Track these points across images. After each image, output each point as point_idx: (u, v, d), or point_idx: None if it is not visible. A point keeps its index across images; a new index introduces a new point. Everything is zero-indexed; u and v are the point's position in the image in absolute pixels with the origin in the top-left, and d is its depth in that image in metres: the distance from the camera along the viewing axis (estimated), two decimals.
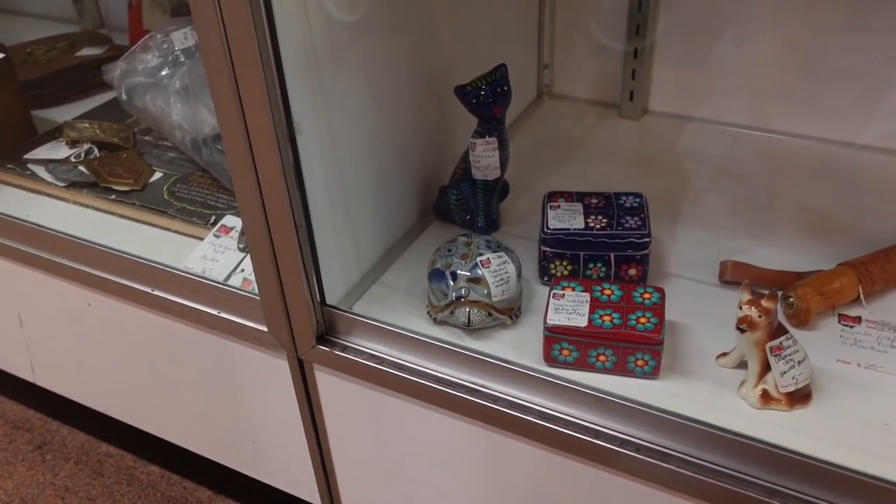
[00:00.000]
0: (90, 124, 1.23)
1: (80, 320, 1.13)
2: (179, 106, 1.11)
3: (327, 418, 0.98)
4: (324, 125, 0.82)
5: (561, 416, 0.79)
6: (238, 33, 0.69)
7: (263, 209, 0.79)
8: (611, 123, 1.27)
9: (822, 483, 0.69)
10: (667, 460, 0.74)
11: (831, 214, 1.02)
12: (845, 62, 1.09)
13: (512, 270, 0.86)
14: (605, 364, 0.80)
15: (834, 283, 0.85)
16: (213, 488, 1.30)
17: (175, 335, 1.03)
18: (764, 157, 1.16)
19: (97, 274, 1.02)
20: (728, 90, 1.20)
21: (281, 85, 0.73)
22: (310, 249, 0.83)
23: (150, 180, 1.14)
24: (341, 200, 0.88)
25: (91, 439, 1.40)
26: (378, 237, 0.98)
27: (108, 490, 1.32)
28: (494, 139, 0.94)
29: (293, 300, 0.86)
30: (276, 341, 0.91)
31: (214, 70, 0.72)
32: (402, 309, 0.91)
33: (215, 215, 1.05)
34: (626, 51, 1.23)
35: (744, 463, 0.72)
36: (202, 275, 0.95)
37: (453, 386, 0.83)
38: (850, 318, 0.85)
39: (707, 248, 0.97)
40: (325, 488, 1.06)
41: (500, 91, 0.92)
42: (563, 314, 0.81)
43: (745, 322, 0.73)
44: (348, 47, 0.83)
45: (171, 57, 1.18)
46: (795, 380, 0.74)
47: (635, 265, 0.90)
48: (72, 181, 1.14)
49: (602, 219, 0.91)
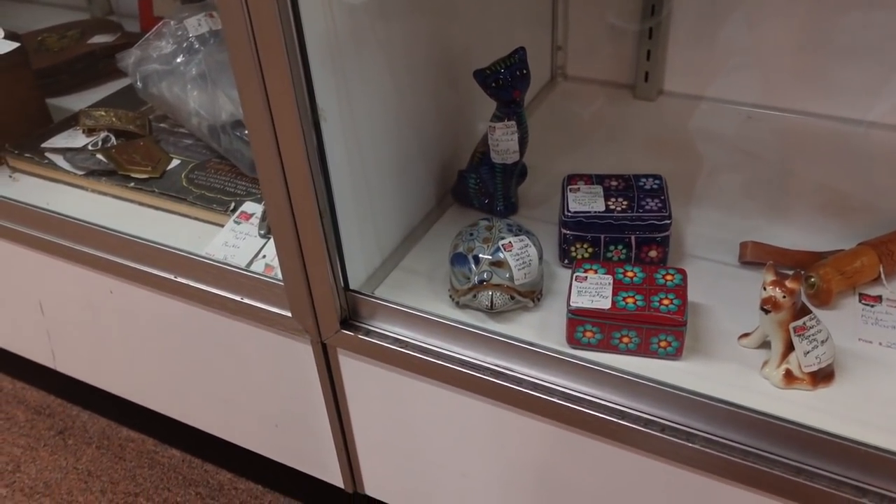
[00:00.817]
0: (106, 112, 1.23)
1: (101, 307, 1.14)
2: (196, 93, 1.11)
3: (350, 402, 0.99)
4: (346, 111, 0.82)
5: (585, 398, 0.80)
6: (263, 20, 0.69)
7: (288, 196, 0.80)
8: (625, 105, 1.26)
9: (847, 460, 0.70)
10: (692, 440, 0.75)
11: (848, 193, 1.02)
12: (858, 40, 1.09)
13: (534, 254, 0.87)
14: (629, 345, 0.81)
15: (854, 263, 0.86)
16: (234, 471, 1.32)
17: (198, 321, 1.04)
18: (779, 136, 1.16)
19: (119, 261, 1.03)
20: (742, 70, 1.19)
21: (305, 72, 0.73)
22: (334, 235, 0.84)
23: (168, 168, 1.14)
24: (363, 186, 0.88)
25: (112, 424, 1.42)
26: (398, 222, 0.98)
27: (131, 473, 1.33)
28: (513, 123, 0.94)
29: (317, 285, 0.86)
30: (301, 326, 0.92)
31: (239, 57, 0.72)
32: (424, 293, 0.92)
33: (234, 202, 1.05)
34: (641, 31, 1.22)
35: (768, 442, 0.73)
36: (224, 261, 0.96)
37: (477, 368, 0.84)
38: (870, 298, 0.86)
39: (725, 229, 0.97)
40: (347, 471, 1.08)
41: (520, 74, 0.92)
42: (586, 296, 0.81)
43: (770, 303, 0.74)
44: (369, 33, 0.84)
45: (185, 44, 1.18)
46: (819, 359, 0.75)
47: (656, 247, 0.90)
48: (90, 169, 1.14)
49: (622, 201, 0.91)
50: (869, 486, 0.69)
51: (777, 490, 0.73)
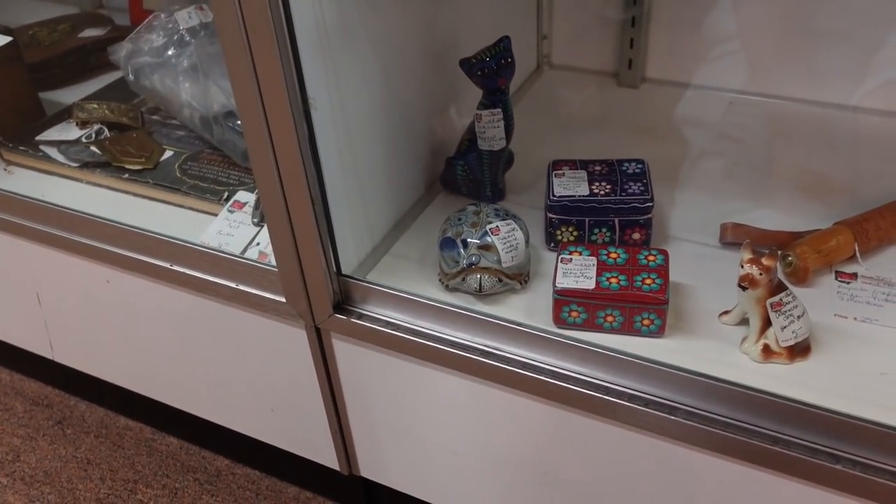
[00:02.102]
0: (99, 105, 1.24)
1: (98, 297, 1.16)
2: (188, 85, 1.12)
3: (344, 385, 1.01)
4: (336, 100, 0.84)
5: (572, 375, 0.82)
6: (254, 11, 0.71)
7: (281, 184, 0.82)
8: (610, 92, 1.29)
9: (823, 429, 0.73)
10: (674, 413, 0.78)
11: (828, 175, 1.05)
12: (839, 25, 1.11)
13: (521, 237, 0.89)
14: (613, 324, 0.84)
15: (831, 242, 0.89)
16: (231, 457, 1.34)
17: (193, 309, 1.06)
18: (761, 121, 1.18)
19: (116, 251, 1.05)
20: (725, 56, 1.22)
21: (296, 61, 0.75)
22: (325, 221, 0.86)
23: (161, 159, 1.16)
24: (353, 173, 0.90)
25: (110, 413, 1.44)
26: (388, 208, 1.00)
27: (129, 461, 1.36)
28: (499, 110, 0.96)
29: (310, 271, 0.89)
30: (295, 311, 0.94)
31: (231, 48, 0.74)
32: (414, 277, 0.94)
33: (228, 191, 1.07)
34: (624, 20, 1.25)
35: (748, 413, 0.76)
36: (219, 249, 0.98)
37: (467, 349, 0.86)
38: (846, 275, 0.89)
39: (707, 211, 1.00)
40: (342, 453, 1.10)
41: (505, 63, 0.94)
42: (571, 277, 0.84)
43: (747, 280, 0.76)
44: (357, 23, 0.86)
45: (176, 36, 1.19)
46: (795, 334, 0.78)
47: (639, 229, 0.93)
48: (84, 161, 1.16)
49: (606, 185, 0.94)
50: (842, 453, 0.72)
51: (756, 459, 0.76)
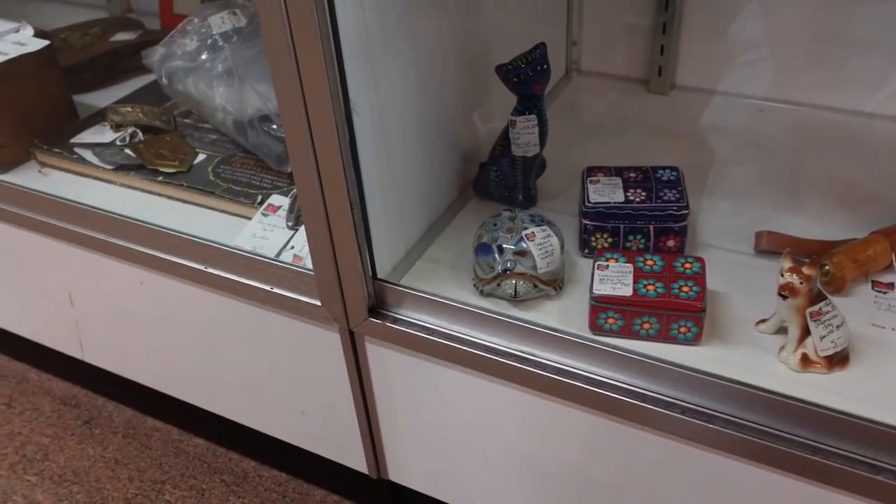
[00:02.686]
0: (132, 108, 1.26)
1: (131, 298, 1.17)
2: (223, 89, 1.13)
3: (376, 388, 1.02)
4: (375, 105, 0.85)
5: (607, 381, 0.82)
6: (300, 16, 0.72)
7: (321, 187, 0.83)
8: (639, 98, 1.29)
9: (863, 439, 0.73)
10: (711, 421, 0.78)
11: (859, 184, 1.05)
12: (869, 33, 1.11)
13: (556, 243, 0.90)
14: (650, 332, 0.84)
15: (867, 251, 0.89)
16: (258, 459, 1.35)
17: (227, 311, 1.07)
18: (791, 128, 1.18)
19: (150, 252, 1.06)
20: (754, 63, 1.22)
21: (339, 65, 0.76)
22: (363, 225, 0.87)
23: (195, 162, 1.17)
24: (390, 178, 0.91)
25: (137, 414, 1.45)
26: (422, 213, 1.01)
27: (157, 462, 1.37)
28: (534, 116, 0.97)
29: (347, 275, 0.89)
30: (330, 315, 0.94)
31: (276, 52, 0.75)
32: (448, 282, 0.94)
33: (261, 195, 1.08)
34: (654, 26, 1.25)
35: (786, 422, 0.76)
36: (253, 252, 0.99)
37: (502, 354, 0.87)
38: (883, 285, 0.89)
39: (738, 219, 1.00)
40: (371, 457, 1.11)
41: (540, 69, 0.94)
42: (608, 284, 0.84)
43: (787, 289, 0.76)
44: (397, 30, 0.86)
45: (209, 41, 1.20)
46: (834, 343, 0.78)
47: (674, 237, 0.93)
48: (118, 164, 1.17)
49: (641, 192, 0.94)
50: (882, 464, 0.72)
51: (794, 468, 0.76)
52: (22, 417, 1.46)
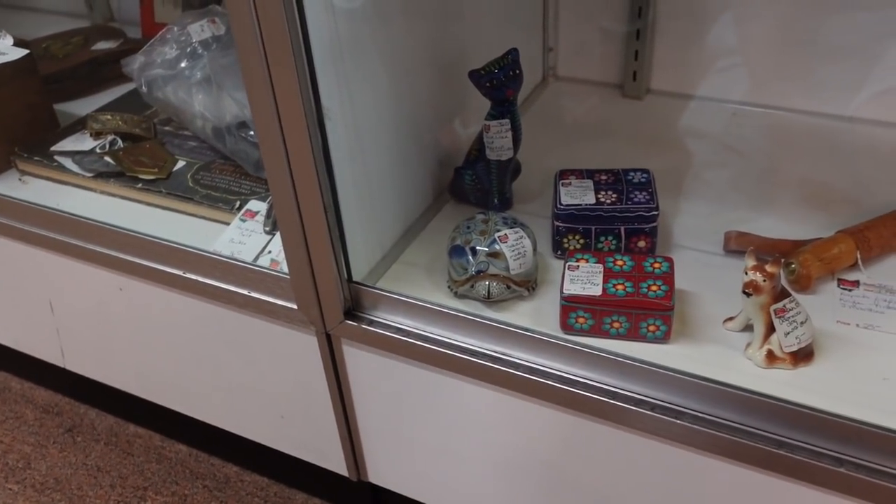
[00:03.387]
0: (112, 116, 1.27)
1: (111, 305, 1.18)
2: (201, 96, 1.15)
3: (354, 391, 1.03)
4: (348, 111, 0.86)
5: (579, 380, 0.84)
6: (271, 24, 0.73)
7: (294, 192, 0.84)
8: (615, 103, 1.31)
9: (827, 433, 0.74)
10: (680, 417, 0.79)
11: (830, 185, 1.07)
12: (840, 38, 1.13)
13: (528, 245, 0.91)
14: (619, 330, 0.85)
15: (833, 250, 0.90)
16: (240, 464, 1.35)
17: (205, 316, 1.08)
18: (764, 132, 1.20)
19: (129, 259, 1.07)
20: (727, 68, 1.24)
21: (311, 73, 0.77)
22: (337, 229, 0.88)
23: (174, 169, 1.18)
24: (364, 182, 0.92)
25: (119, 421, 1.46)
26: (398, 217, 1.02)
27: (139, 468, 1.37)
28: (507, 121, 0.98)
29: (322, 278, 0.90)
30: (306, 318, 0.96)
31: (248, 59, 0.76)
32: (424, 284, 0.96)
33: (240, 200, 1.09)
34: (628, 32, 1.27)
35: (752, 417, 0.77)
36: (231, 257, 1.00)
37: (476, 355, 0.88)
38: (848, 282, 0.90)
39: (711, 220, 1.01)
40: (351, 459, 1.12)
41: (513, 74, 0.96)
42: (578, 284, 0.86)
43: (751, 286, 0.78)
44: (368, 36, 0.88)
45: (189, 49, 1.22)
46: (798, 339, 0.79)
47: (644, 237, 0.94)
48: (98, 171, 1.18)
49: (612, 194, 0.95)
50: (846, 457, 0.74)
51: (761, 462, 0.77)
52: (3, 426, 1.46)
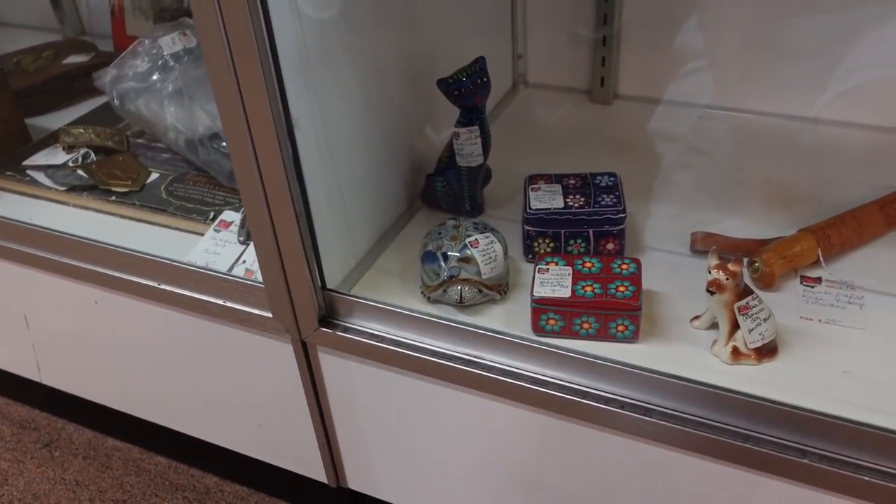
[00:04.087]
0: (84, 129, 1.27)
1: (86, 318, 1.18)
2: (173, 108, 1.15)
3: (331, 397, 1.04)
4: (318, 120, 0.87)
5: (551, 381, 0.85)
6: (239, 36, 0.74)
7: (266, 202, 0.85)
8: (583, 109, 1.33)
9: (791, 426, 0.76)
10: (649, 414, 0.81)
11: (793, 185, 1.09)
12: (801, 42, 1.16)
13: (499, 249, 0.93)
14: (589, 331, 0.87)
15: (795, 248, 0.93)
16: (220, 474, 1.35)
17: (181, 327, 1.08)
18: (729, 134, 1.23)
19: (103, 271, 1.07)
20: (693, 72, 1.26)
21: (279, 83, 0.79)
22: (310, 238, 0.89)
23: (148, 181, 1.19)
24: (337, 190, 0.93)
25: (97, 435, 1.45)
26: (370, 225, 1.03)
27: (118, 482, 1.36)
28: (476, 128, 1.00)
29: (296, 286, 0.91)
30: (281, 326, 0.96)
31: (217, 71, 0.77)
32: (397, 291, 0.97)
33: (213, 211, 1.10)
34: (595, 38, 1.29)
35: (719, 413, 0.79)
36: (206, 267, 1.00)
37: (450, 358, 0.89)
38: (811, 279, 0.93)
39: (679, 222, 1.04)
40: (330, 466, 1.12)
41: (480, 82, 0.98)
42: (548, 287, 0.87)
43: (715, 285, 0.80)
44: (337, 46, 0.89)
45: (160, 62, 1.22)
46: (762, 336, 0.82)
47: (613, 239, 0.96)
48: (71, 185, 1.18)
49: (580, 198, 0.97)
50: (809, 448, 0.76)
51: (728, 456, 0.79)
52: None
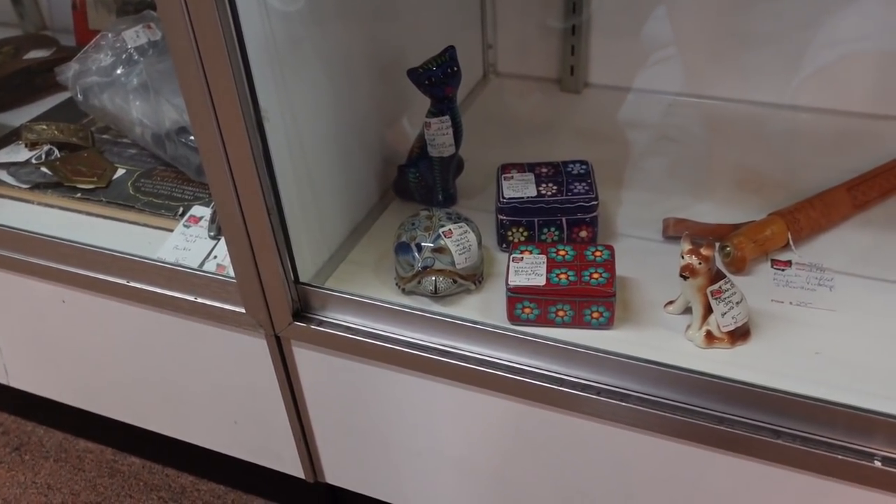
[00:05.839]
0: (48, 126, 1.24)
1: (54, 318, 1.15)
2: (139, 103, 1.13)
3: (306, 392, 1.03)
4: (287, 112, 0.86)
5: (527, 369, 0.85)
6: (205, 28, 0.73)
7: (237, 195, 0.84)
8: (554, 98, 1.33)
9: (764, 407, 0.77)
10: (625, 400, 0.81)
11: (763, 170, 1.10)
12: (767, 28, 1.17)
13: (473, 239, 0.92)
14: (564, 318, 0.87)
15: (765, 232, 0.94)
16: (196, 473, 1.34)
17: (152, 324, 1.06)
18: (699, 121, 1.24)
19: (70, 270, 1.05)
20: (662, 61, 1.27)
21: (247, 75, 0.77)
22: (282, 231, 0.88)
23: (114, 177, 1.16)
24: (308, 183, 0.92)
25: (68, 437, 1.43)
26: (343, 217, 1.02)
27: (91, 484, 1.34)
28: (447, 118, 1.00)
29: (269, 280, 0.90)
30: (255, 321, 0.95)
31: (183, 64, 0.76)
32: (372, 283, 0.96)
33: (183, 206, 1.08)
34: (565, 28, 1.29)
35: (694, 396, 0.80)
36: (177, 263, 0.99)
37: (425, 349, 0.89)
38: (781, 263, 0.94)
39: (651, 208, 1.04)
40: (307, 461, 1.12)
41: (451, 72, 0.97)
42: (522, 275, 0.87)
43: (687, 269, 0.80)
44: (306, 38, 0.88)
45: (124, 55, 1.20)
46: (735, 319, 0.82)
47: (586, 227, 0.96)
48: (35, 183, 1.16)
49: (552, 186, 0.97)
50: (782, 428, 0.77)
51: (703, 439, 0.80)
52: None
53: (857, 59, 1.14)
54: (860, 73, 1.15)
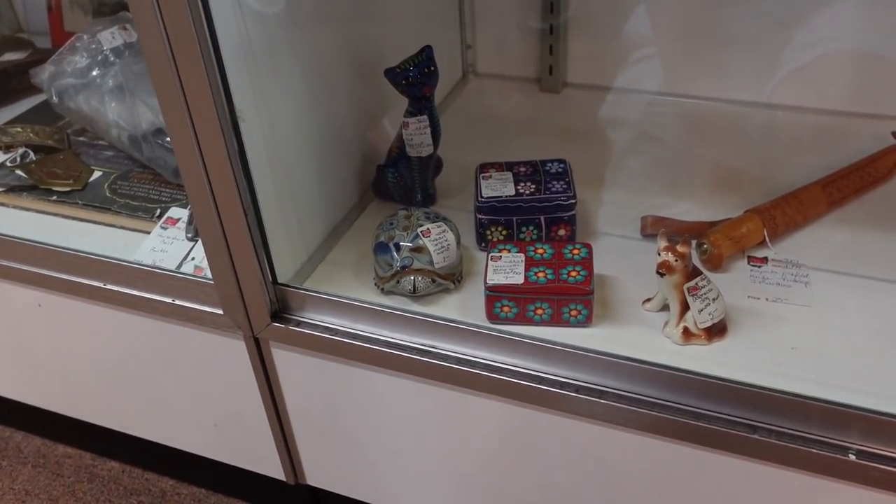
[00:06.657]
0: (23, 128, 1.23)
1: (30, 322, 1.14)
2: (115, 104, 1.12)
3: (286, 393, 1.02)
4: (264, 113, 0.86)
5: (506, 367, 0.85)
6: (178, 29, 0.72)
7: (212, 196, 0.83)
8: (533, 97, 1.34)
9: (741, 402, 0.78)
10: (603, 397, 0.82)
11: (740, 168, 1.11)
12: (744, 28, 1.18)
13: (451, 238, 0.92)
14: (543, 317, 0.87)
15: (742, 229, 0.94)
16: (176, 477, 1.33)
17: (130, 327, 1.05)
18: (677, 120, 1.24)
19: (47, 273, 1.04)
20: (640, 60, 1.28)
21: (222, 76, 0.77)
22: (259, 232, 0.87)
23: (90, 179, 1.15)
24: (285, 184, 0.92)
25: (47, 442, 1.41)
26: (322, 217, 1.02)
27: (70, 489, 1.33)
28: (425, 117, 1.00)
29: (246, 281, 0.90)
30: (233, 322, 0.95)
31: (157, 65, 0.75)
32: (351, 283, 0.96)
33: (160, 208, 1.08)
34: (543, 28, 1.30)
35: (672, 392, 0.80)
36: (154, 265, 0.98)
37: (405, 349, 0.89)
38: (757, 259, 0.95)
39: (629, 207, 1.05)
40: (288, 462, 1.11)
41: (428, 71, 0.97)
42: (501, 274, 0.87)
43: (664, 266, 0.81)
44: (281, 38, 0.88)
45: (100, 57, 1.19)
46: (711, 315, 0.83)
47: (564, 226, 0.97)
48: (10, 185, 1.15)
49: (531, 185, 0.97)
50: (759, 423, 0.77)
51: (680, 435, 0.81)
52: None
53: (833, 58, 1.15)
54: (836, 72, 1.17)
